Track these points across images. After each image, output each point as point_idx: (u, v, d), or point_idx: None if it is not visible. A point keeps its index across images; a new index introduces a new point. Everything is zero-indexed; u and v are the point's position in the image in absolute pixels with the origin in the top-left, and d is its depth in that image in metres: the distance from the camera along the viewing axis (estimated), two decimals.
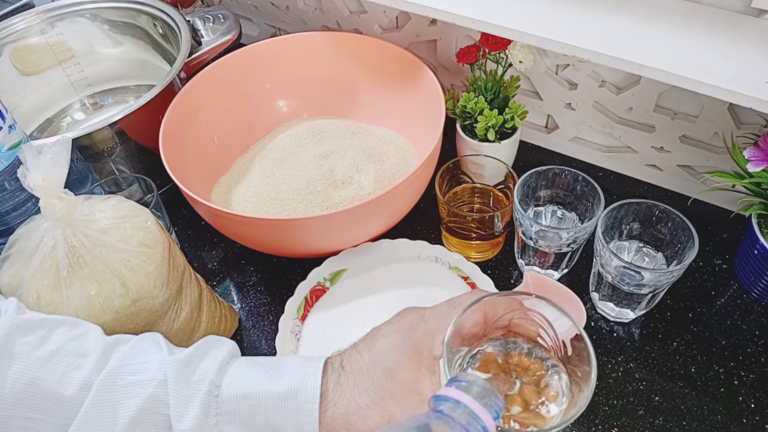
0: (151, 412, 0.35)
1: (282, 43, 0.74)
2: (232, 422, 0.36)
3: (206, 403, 0.35)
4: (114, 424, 0.35)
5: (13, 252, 0.45)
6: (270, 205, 0.64)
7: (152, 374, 0.37)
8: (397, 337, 0.37)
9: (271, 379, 0.37)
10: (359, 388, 0.36)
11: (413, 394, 0.35)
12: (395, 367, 0.36)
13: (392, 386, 0.35)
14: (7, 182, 0.54)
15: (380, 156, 0.69)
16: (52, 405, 0.35)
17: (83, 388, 0.36)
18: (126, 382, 0.36)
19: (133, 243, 0.46)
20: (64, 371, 0.36)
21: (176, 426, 0.35)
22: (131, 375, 0.37)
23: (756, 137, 0.53)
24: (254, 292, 0.64)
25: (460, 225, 0.61)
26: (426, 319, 0.38)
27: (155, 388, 0.36)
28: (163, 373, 0.37)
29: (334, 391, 0.36)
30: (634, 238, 0.57)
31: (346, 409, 0.35)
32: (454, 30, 0.73)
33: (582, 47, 0.53)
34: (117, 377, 0.36)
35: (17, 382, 0.35)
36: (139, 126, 0.65)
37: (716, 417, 0.51)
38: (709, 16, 0.55)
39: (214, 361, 0.38)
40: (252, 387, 0.36)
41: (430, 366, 0.36)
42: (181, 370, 0.37)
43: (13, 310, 0.38)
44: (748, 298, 0.59)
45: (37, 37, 0.79)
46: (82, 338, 0.39)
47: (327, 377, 0.37)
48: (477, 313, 0.36)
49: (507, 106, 0.66)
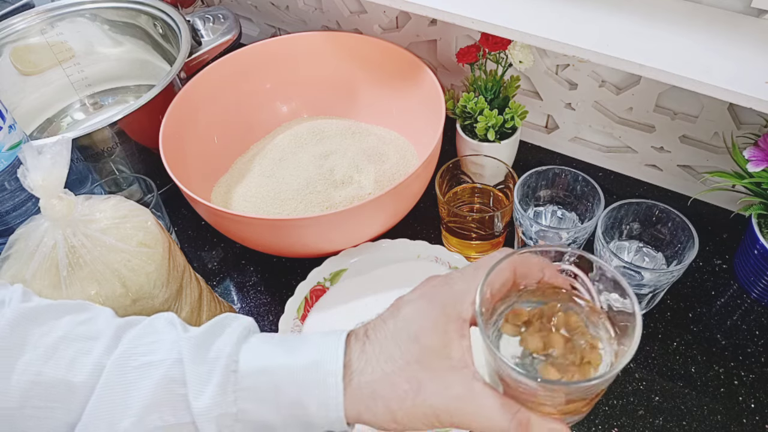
0: (166, 392, 0.34)
1: (282, 43, 0.74)
2: (252, 398, 0.34)
3: (224, 379, 0.34)
4: (128, 407, 0.34)
5: (13, 252, 0.45)
6: (270, 205, 0.64)
7: (165, 353, 0.35)
8: (422, 302, 0.36)
9: (290, 352, 0.35)
10: (385, 355, 0.34)
11: (442, 359, 0.34)
12: (421, 332, 0.34)
13: (419, 351, 0.34)
14: (7, 182, 0.54)
15: (380, 156, 0.69)
16: (64, 392, 0.34)
17: (94, 372, 0.35)
18: (138, 363, 0.35)
19: (133, 243, 0.46)
20: (74, 357, 0.35)
21: (194, 404, 0.34)
22: (143, 356, 0.35)
23: (756, 137, 0.53)
24: (254, 292, 0.64)
25: (460, 225, 0.61)
26: (452, 282, 0.36)
27: (169, 368, 0.35)
28: (177, 352, 0.35)
29: (358, 359, 0.35)
30: (634, 238, 0.57)
31: (372, 377, 0.34)
32: (454, 30, 0.73)
33: (582, 47, 0.53)
34: (129, 359, 0.35)
35: (26, 372, 0.34)
36: (139, 126, 0.65)
37: (716, 417, 0.51)
38: (709, 16, 0.55)
39: (231, 336, 0.36)
40: (271, 360, 0.35)
41: (459, 329, 0.34)
42: (197, 347, 0.35)
43: (18, 297, 0.37)
44: (748, 298, 0.59)
45: (37, 37, 0.79)
46: (90, 322, 0.38)
47: (350, 347, 0.35)
48: (506, 272, 0.34)
49: (507, 106, 0.66)
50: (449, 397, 0.33)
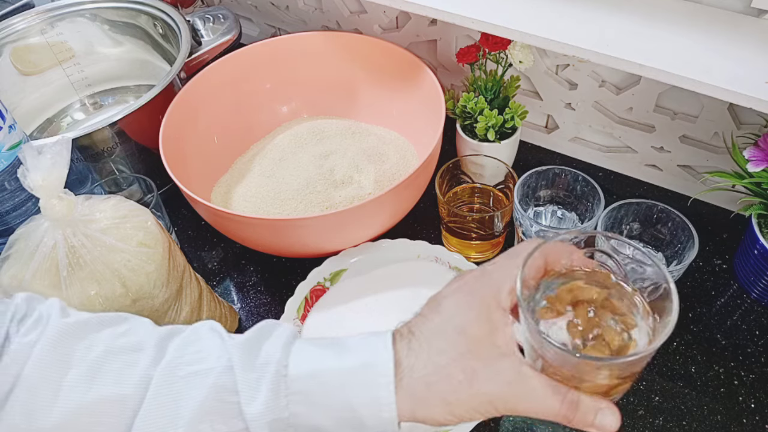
0: (217, 400, 0.34)
1: (282, 43, 0.74)
2: (303, 401, 0.34)
3: (275, 384, 0.34)
4: (178, 417, 0.34)
5: (13, 252, 0.45)
6: (270, 205, 0.64)
7: (213, 362, 0.35)
8: (462, 296, 0.36)
9: (338, 354, 0.36)
10: (434, 349, 0.35)
11: (491, 347, 0.34)
12: (467, 324, 0.35)
13: (468, 342, 0.34)
14: (7, 182, 0.54)
15: (380, 156, 0.69)
16: (112, 406, 0.34)
17: (141, 384, 0.35)
18: (186, 372, 0.35)
19: (133, 243, 0.46)
20: (120, 370, 0.35)
21: (246, 410, 0.34)
22: (190, 365, 0.35)
23: (756, 137, 0.53)
24: (254, 292, 0.64)
25: (460, 225, 0.61)
26: (488, 273, 0.37)
27: (218, 376, 0.35)
28: (225, 360, 0.35)
29: (407, 357, 0.35)
30: (634, 238, 0.57)
31: (424, 371, 0.34)
32: (454, 30, 0.73)
33: (582, 47, 0.53)
34: (176, 368, 0.35)
35: (74, 389, 0.34)
36: (139, 126, 0.65)
37: (716, 417, 0.51)
38: (709, 16, 0.55)
39: (278, 340, 0.36)
40: (320, 363, 0.35)
41: (502, 318, 0.35)
42: (246, 354, 0.36)
43: (57, 313, 0.37)
44: (748, 298, 0.59)
45: (37, 37, 0.79)
46: (131, 333, 0.37)
47: (397, 346, 0.35)
48: (538, 260, 0.35)
49: (507, 106, 0.66)
50: (502, 382, 0.33)
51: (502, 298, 0.35)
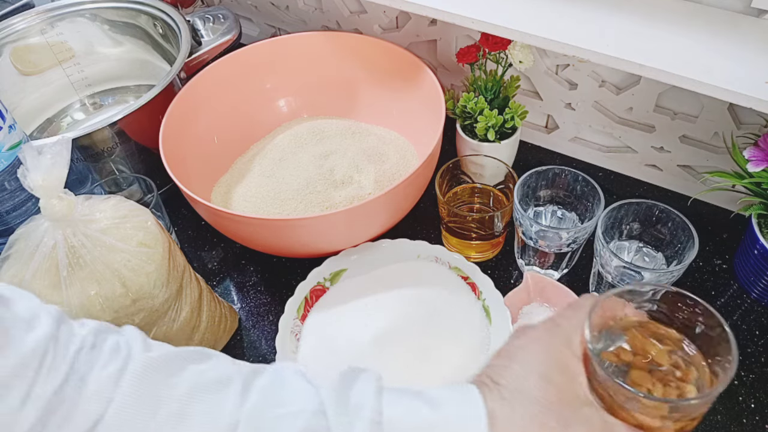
0: None
1: (282, 43, 0.74)
2: None
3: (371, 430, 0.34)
4: None
5: (13, 252, 0.45)
6: (270, 205, 0.64)
7: (302, 405, 0.34)
8: (537, 346, 0.37)
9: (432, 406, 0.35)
10: (528, 398, 0.35)
11: (575, 396, 0.35)
12: (550, 372, 0.35)
13: (555, 390, 0.35)
14: (7, 182, 0.54)
15: (380, 156, 0.69)
16: None
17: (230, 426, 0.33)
18: (274, 415, 0.34)
19: (133, 243, 0.46)
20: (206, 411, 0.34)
21: None
22: (278, 407, 0.34)
23: (756, 137, 0.53)
24: (254, 292, 0.64)
25: (460, 225, 0.61)
26: (559, 324, 0.38)
27: (308, 420, 0.34)
28: (318, 403, 0.34)
29: (502, 407, 0.35)
30: (634, 238, 0.57)
31: (522, 422, 0.34)
32: (454, 30, 0.73)
33: (582, 47, 0.53)
34: (263, 410, 0.34)
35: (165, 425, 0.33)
36: (139, 126, 0.65)
37: (716, 417, 0.51)
38: (709, 16, 0.55)
39: (367, 385, 0.36)
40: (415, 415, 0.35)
41: (577, 366, 0.36)
42: (336, 397, 0.35)
43: (140, 347, 0.35)
44: (748, 298, 0.59)
45: (37, 37, 0.79)
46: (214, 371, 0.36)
47: (486, 396, 0.35)
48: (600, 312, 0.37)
49: (507, 106, 0.66)
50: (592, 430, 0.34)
51: (573, 347, 0.36)
